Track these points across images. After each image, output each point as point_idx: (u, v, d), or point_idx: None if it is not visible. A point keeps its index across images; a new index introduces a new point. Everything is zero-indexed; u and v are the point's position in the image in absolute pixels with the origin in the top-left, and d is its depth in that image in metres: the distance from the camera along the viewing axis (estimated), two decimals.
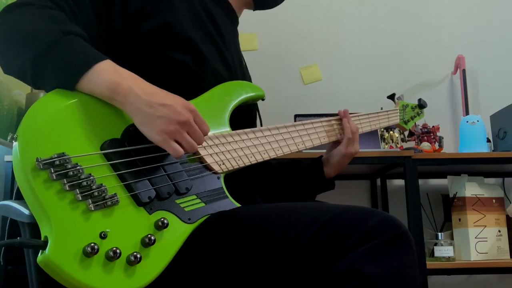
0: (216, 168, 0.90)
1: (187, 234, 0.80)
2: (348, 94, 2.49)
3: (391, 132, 2.18)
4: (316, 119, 1.16)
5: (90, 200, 0.71)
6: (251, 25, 2.40)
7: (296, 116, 2.17)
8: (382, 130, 2.19)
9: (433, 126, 2.22)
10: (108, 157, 0.77)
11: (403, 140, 2.20)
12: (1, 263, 0.87)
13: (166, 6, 0.98)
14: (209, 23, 1.07)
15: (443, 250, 1.92)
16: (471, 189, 2.04)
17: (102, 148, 0.77)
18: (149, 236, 0.73)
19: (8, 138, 0.71)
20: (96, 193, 0.72)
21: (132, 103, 0.79)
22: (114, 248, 0.69)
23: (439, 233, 1.95)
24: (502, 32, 2.58)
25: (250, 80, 1.19)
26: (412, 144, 2.21)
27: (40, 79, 0.80)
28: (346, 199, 2.31)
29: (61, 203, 0.69)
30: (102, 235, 0.70)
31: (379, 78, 2.51)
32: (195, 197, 0.85)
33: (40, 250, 0.67)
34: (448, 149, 2.36)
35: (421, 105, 1.48)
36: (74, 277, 0.66)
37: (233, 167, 0.93)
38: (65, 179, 0.70)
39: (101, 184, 0.73)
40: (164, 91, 0.83)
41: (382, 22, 2.59)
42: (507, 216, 2.06)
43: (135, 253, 0.71)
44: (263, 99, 1.12)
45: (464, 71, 2.43)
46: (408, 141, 2.23)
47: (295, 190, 1.19)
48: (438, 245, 1.93)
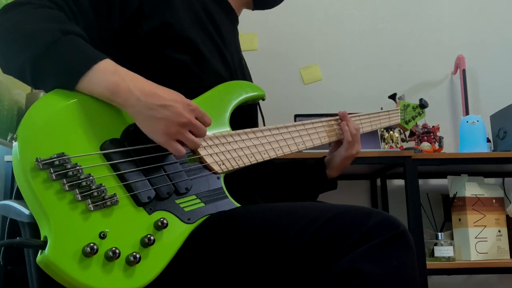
0: (216, 168, 0.90)
1: (187, 234, 0.80)
2: (348, 94, 2.49)
3: (391, 132, 2.18)
4: (317, 119, 1.16)
5: (90, 200, 0.71)
6: (251, 25, 2.40)
7: (296, 116, 2.17)
8: (382, 130, 2.19)
9: (433, 126, 2.22)
10: (108, 157, 0.77)
11: (403, 140, 2.20)
12: (1, 263, 0.87)
13: (166, 6, 0.98)
14: (209, 23, 1.07)
15: (443, 250, 1.92)
16: (471, 189, 2.04)
17: (102, 148, 0.77)
18: (149, 236, 0.73)
19: (8, 138, 0.71)
20: (96, 193, 0.72)
21: (133, 106, 0.79)
22: (114, 248, 0.69)
23: (439, 233, 1.95)
24: (502, 32, 2.58)
25: (251, 80, 1.19)
26: (412, 144, 2.21)
27: (40, 79, 0.80)
28: (346, 199, 2.31)
29: (61, 203, 0.69)
30: (102, 235, 0.70)
31: (379, 78, 2.51)
32: (195, 197, 0.85)
33: (40, 250, 0.67)
34: (448, 149, 2.35)
35: (423, 105, 1.48)
36: (74, 277, 0.66)
37: (233, 167, 0.93)
38: (65, 179, 0.70)
39: (101, 184, 0.73)
40: (164, 89, 0.83)
41: (382, 22, 2.59)
42: (507, 216, 2.06)
43: (135, 253, 0.71)
44: (264, 99, 1.12)
45: (464, 71, 2.43)
46: (408, 141, 2.22)
47: (298, 190, 1.19)
48: (438, 245, 1.93)
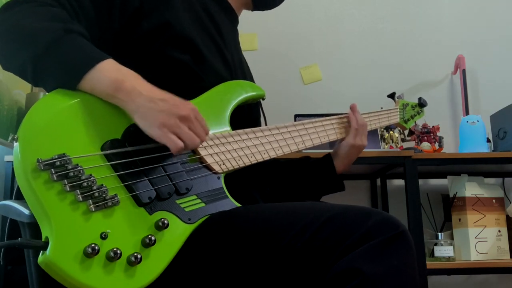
0: (216, 168, 0.90)
1: (187, 234, 0.80)
2: (348, 94, 2.49)
3: (391, 132, 2.18)
4: (317, 119, 1.16)
5: (91, 201, 0.71)
6: (251, 25, 2.40)
7: (296, 116, 2.17)
8: (382, 130, 2.19)
9: (433, 126, 2.22)
10: (109, 158, 0.77)
11: (403, 140, 2.20)
12: (1, 263, 0.87)
13: (166, 6, 0.98)
14: (209, 23, 1.07)
15: (443, 250, 1.92)
16: (471, 189, 2.04)
17: (103, 149, 0.77)
18: (150, 237, 0.73)
19: (9, 139, 0.71)
20: (97, 194, 0.72)
21: (134, 100, 0.79)
22: (115, 249, 0.69)
23: (439, 233, 1.95)
24: (502, 32, 2.58)
25: (252, 80, 1.19)
26: (412, 144, 2.21)
27: (41, 78, 0.79)
28: (346, 199, 2.30)
29: (62, 204, 0.69)
30: (103, 236, 0.70)
31: (379, 78, 2.51)
32: (195, 197, 0.85)
33: (41, 251, 0.67)
34: (448, 149, 2.36)
35: (421, 104, 1.48)
36: (75, 278, 0.66)
37: (233, 167, 0.94)
38: (66, 180, 0.70)
39: (102, 185, 0.73)
40: (166, 92, 0.83)
41: (382, 22, 2.59)
42: (507, 216, 2.06)
43: (136, 254, 0.71)
44: (264, 99, 1.12)
45: (464, 71, 2.43)
46: (408, 141, 2.22)
47: (305, 187, 1.19)
48: (438, 245, 1.93)
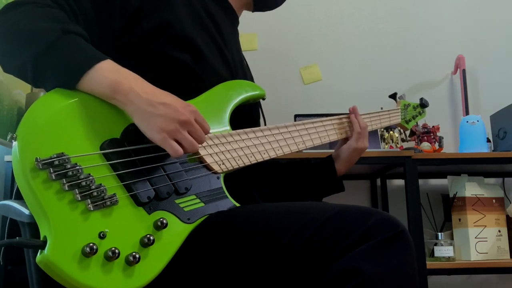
0: (216, 168, 0.90)
1: (186, 234, 0.80)
2: (348, 94, 2.49)
3: (391, 132, 2.18)
4: (317, 119, 1.16)
5: (89, 200, 0.71)
6: (251, 25, 2.40)
7: (296, 116, 2.17)
8: (382, 130, 2.19)
9: (433, 126, 2.22)
10: (108, 157, 0.77)
11: (403, 140, 2.20)
12: (1, 263, 0.87)
13: (166, 5, 0.98)
14: (210, 23, 1.07)
15: (443, 250, 1.91)
16: (471, 189, 2.04)
17: (102, 148, 0.77)
18: (148, 236, 0.73)
19: (8, 138, 0.71)
20: (95, 193, 0.72)
21: (133, 102, 0.78)
22: (113, 248, 0.69)
23: (439, 233, 1.95)
24: (502, 32, 2.58)
25: (252, 80, 1.19)
26: (412, 144, 2.21)
27: (41, 78, 0.79)
28: (346, 199, 2.30)
29: (60, 203, 0.69)
30: (101, 235, 0.70)
31: (379, 78, 2.51)
32: (195, 197, 0.85)
33: (39, 250, 0.67)
34: (448, 149, 2.35)
35: (423, 105, 1.48)
36: (73, 277, 0.66)
37: (233, 167, 0.93)
38: (64, 179, 0.70)
39: (100, 184, 0.73)
40: (165, 92, 0.83)
41: (382, 22, 2.59)
42: (507, 216, 2.06)
43: (134, 253, 0.71)
44: (264, 99, 1.12)
45: (464, 71, 2.43)
46: (408, 141, 2.22)
47: (305, 188, 1.19)
48: (438, 245, 1.93)
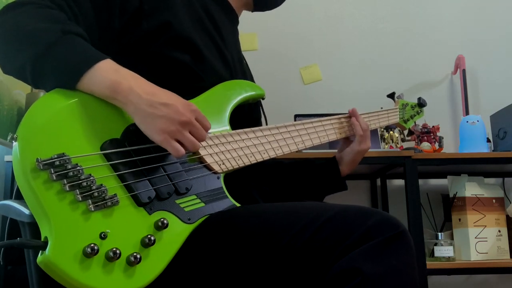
0: (216, 168, 0.90)
1: (187, 234, 0.80)
2: (348, 94, 2.49)
3: (391, 132, 2.18)
4: (316, 119, 1.16)
5: (90, 201, 0.71)
6: (251, 25, 2.40)
7: (296, 116, 2.17)
8: (382, 130, 2.19)
9: (433, 126, 2.22)
10: (108, 158, 0.77)
11: (403, 140, 2.20)
12: (1, 263, 0.87)
13: (166, 6, 0.98)
14: (209, 23, 1.07)
15: (443, 250, 1.92)
16: (471, 189, 2.04)
17: (102, 148, 0.77)
18: (149, 237, 0.73)
19: (8, 138, 0.71)
20: (96, 194, 0.72)
21: (133, 103, 0.78)
22: (114, 249, 0.69)
23: (439, 233, 1.95)
24: (502, 32, 2.58)
25: (252, 79, 1.19)
26: (412, 144, 2.21)
27: (40, 79, 0.80)
28: (346, 199, 2.30)
29: (61, 204, 0.69)
30: (102, 236, 0.70)
31: (379, 78, 2.51)
32: (195, 197, 0.85)
33: (40, 251, 0.67)
34: (448, 149, 2.35)
35: (421, 104, 1.48)
36: (74, 278, 0.66)
37: (233, 167, 0.93)
38: (65, 180, 0.70)
39: (101, 185, 0.73)
40: (165, 91, 0.83)
41: (382, 22, 2.59)
42: (507, 216, 2.06)
43: (135, 254, 0.71)
44: (263, 98, 1.12)
45: (464, 71, 2.43)
46: (408, 141, 2.22)
47: (308, 188, 1.19)
48: (438, 245, 1.93)
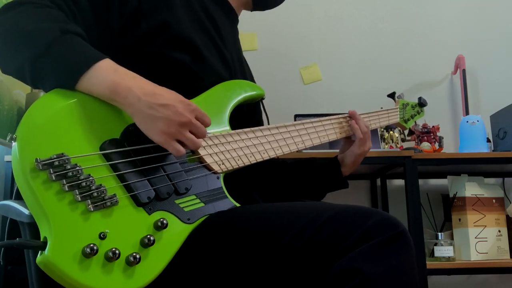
0: (216, 168, 0.90)
1: (187, 234, 0.80)
2: (348, 94, 2.49)
3: (391, 132, 2.18)
4: (316, 119, 1.16)
5: (90, 201, 0.71)
6: (251, 25, 2.40)
7: (296, 116, 2.17)
8: (382, 130, 2.19)
9: (433, 126, 2.22)
10: (108, 158, 0.77)
11: (403, 140, 2.20)
12: (1, 263, 0.87)
13: (165, 5, 0.98)
14: (208, 22, 1.07)
15: (443, 250, 1.92)
16: (471, 189, 2.04)
17: (102, 149, 0.77)
18: (149, 237, 0.73)
19: (8, 139, 0.71)
20: (96, 194, 0.72)
21: (132, 105, 0.78)
22: (114, 249, 0.69)
23: (439, 233, 1.95)
24: (502, 32, 2.58)
25: (252, 79, 1.19)
26: (412, 144, 2.21)
27: (39, 79, 0.79)
28: (346, 199, 2.31)
29: (60, 204, 0.69)
30: (102, 236, 0.70)
31: (379, 78, 2.51)
32: (195, 197, 0.85)
33: (40, 251, 0.67)
34: (448, 149, 2.35)
35: (421, 104, 1.48)
36: (74, 278, 0.66)
37: (233, 167, 0.93)
38: (65, 180, 0.70)
39: (101, 185, 0.73)
40: (164, 89, 0.83)
41: (382, 22, 2.59)
42: (507, 216, 2.06)
43: (135, 254, 0.71)
44: (263, 98, 1.12)
45: (464, 71, 2.43)
46: (408, 141, 2.22)
47: (310, 187, 1.20)
48: (438, 245, 1.93)
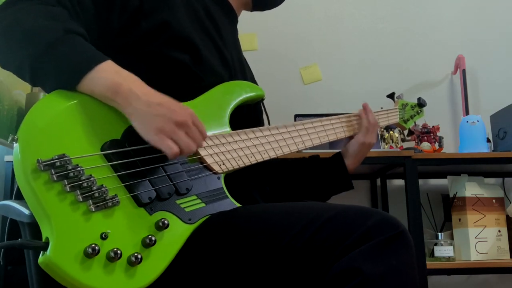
0: (216, 168, 0.91)
1: (188, 235, 0.80)
2: (348, 94, 2.49)
3: (391, 132, 2.18)
4: (316, 119, 1.17)
5: (91, 201, 0.71)
6: (251, 25, 2.40)
7: (296, 116, 2.17)
8: (382, 130, 2.19)
9: (433, 126, 2.22)
10: (109, 158, 0.77)
11: (403, 140, 2.20)
12: (1, 263, 0.87)
13: (165, 5, 0.98)
14: (208, 22, 1.07)
15: (443, 250, 1.92)
16: (471, 189, 2.04)
17: (103, 149, 0.77)
18: (150, 237, 0.73)
19: (9, 140, 0.71)
20: (97, 194, 0.72)
21: (131, 104, 0.78)
22: (115, 249, 0.69)
23: (439, 233, 1.96)
24: (502, 32, 2.58)
25: (252, 79, 1.19)
26: (412, 144, 2.21)
27: (40, 78, 0.79)
28: (346, 199, 2.29)
29: (62, 204, 0.69)
30: (103, 236, 0.70)
31: (379, 78, 2.51)
32: (196, 198, 0.85)
33: (41, 251, 0.67)
34: (448, 149, 2.36)
35: (421, 104, 1.48)
36: (75, 278, 0.66)
37: (233, 167, 0.94)
38: (66, 180, 0.70)
39: (102, 185, 0.73)
40: (162, 95, 0.82)
41: (382, 22, 2.59)
42: (507, 216, 2.06)
43: (136, 254, 0.71)
44: (263, 99, 1.12)
45: (464, 71, 2.43)
46: (408, 141, 2.22)
47: (315, 186, 1.19)
48: (438, 245, 1.93)
